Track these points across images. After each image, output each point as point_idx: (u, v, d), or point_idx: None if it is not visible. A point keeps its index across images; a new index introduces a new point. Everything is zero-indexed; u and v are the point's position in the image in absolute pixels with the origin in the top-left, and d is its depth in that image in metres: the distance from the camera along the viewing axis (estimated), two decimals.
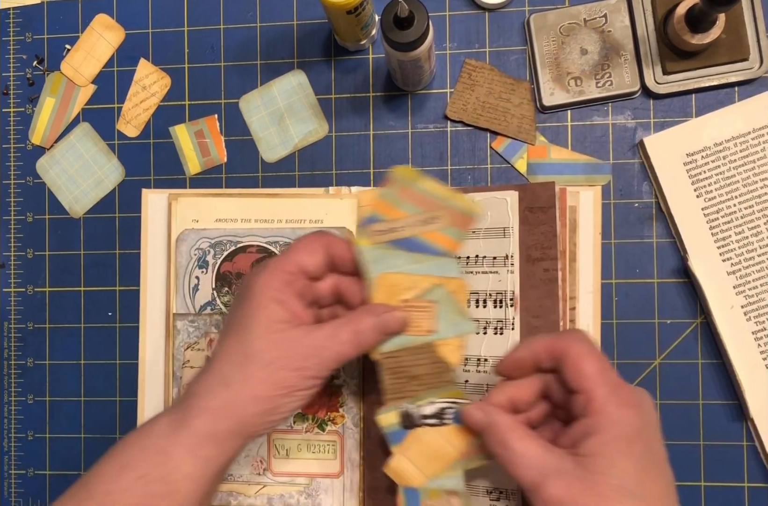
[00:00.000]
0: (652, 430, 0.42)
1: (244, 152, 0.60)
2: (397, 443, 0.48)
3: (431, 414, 0.48)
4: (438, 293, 0.48)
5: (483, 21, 0.58)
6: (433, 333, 0.48)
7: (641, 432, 0.41)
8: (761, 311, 0.54)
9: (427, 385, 0.48)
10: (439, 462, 0.48)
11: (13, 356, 0.62)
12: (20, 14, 0.63)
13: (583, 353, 0.42)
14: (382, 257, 0.47)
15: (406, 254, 0.48)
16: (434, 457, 0.48)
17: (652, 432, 0.42)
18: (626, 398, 0.41)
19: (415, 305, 0.48)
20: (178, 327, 0.58)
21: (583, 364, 0.42)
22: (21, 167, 0.63)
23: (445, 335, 0.48)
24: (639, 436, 0.40)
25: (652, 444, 0.41)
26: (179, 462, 0.41)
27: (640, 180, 0.56)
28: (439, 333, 0.48)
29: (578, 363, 0.42)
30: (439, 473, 0.48)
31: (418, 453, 0.48)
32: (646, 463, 0.40)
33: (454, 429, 0.48)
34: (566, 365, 0.42)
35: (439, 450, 0.48)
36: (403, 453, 0.48)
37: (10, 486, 0.62)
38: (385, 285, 0.47)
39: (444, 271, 0.48)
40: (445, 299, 0.48)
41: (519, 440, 0.42)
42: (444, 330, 0.48)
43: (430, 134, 0.58)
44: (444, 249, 0.48)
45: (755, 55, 0.54)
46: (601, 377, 0.41)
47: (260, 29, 0.60)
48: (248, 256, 0.58)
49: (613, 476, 0.39)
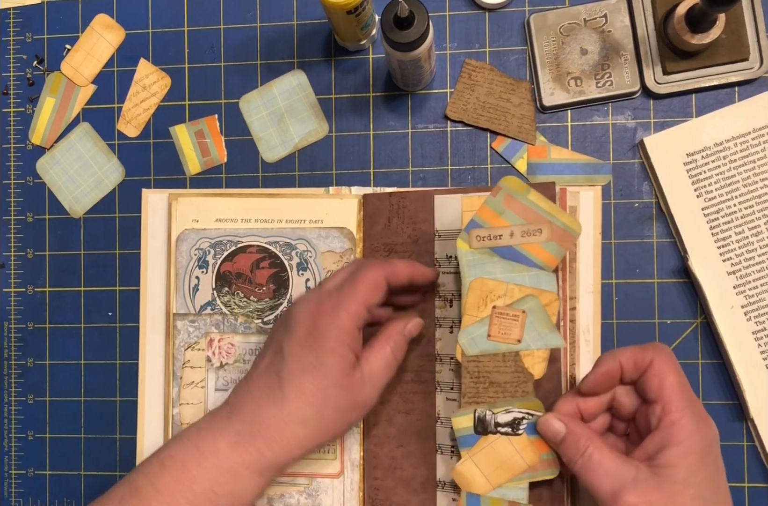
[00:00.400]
0: (718, 444, 0.44)
1: (244, 152, 0.60)
2: (468, 447, 0.49)
3: (506, 422, 0.49)
4: (530, 303, 0.48)
5: (483, 21, 0.58)
6: (520, 343, 0.48)
7: (713, 445, 0.43)
8: (761, 311, 0.54)
9: (506, 393, 0.49)
10: (506, 472, 0.48)
11: (13, 356, 0.62)
12: (20, 14, 0.63)
13: (667, 366, 0.44)
14: (480, 262, 0.49)
15: (503, 262, 0.49)
16: (502, 466, 0.48)
17: (718, 447, 0.44)
18: (700, 412, 0.44)
19: (506, 312, 0.49)
20: (178, 327, 0.58)
21: (667, 375, 0.44)
22: (21, 167, 0.63)
23: (532, 346, 0.48)
24: (711, 449, 0.43)
25: (719, 457, 0.44)
26: (246, 480, 0.45)
27: (640, 180, 0.56)
28: (526, 343, 0.48)
29: (662, 374, 0.44)
30: (505, 483, 0.48)
31: (486, 461, 0.48)
32: (718, 475, 0.43)
33: (527, 440, 0.48)
34: (649, 375, 0.44)
35: (509, 460, 0.48)
36: (472, 458, 0.49)
37: (10, 486, 0.62)
38: (480, 290, 0.49)
39: (539, 283, 0.48)
40: (537, 311, 0.48)
41: (597, 449, 0.44)
42: (531, 341, 0.48)
43: (430, 134, 0.58)
44: (542, 262, 0.48)
45: (755, 55, 0.54)
46: (680, 389, 0.44)
47: (260, 29, 0.60)
48: (248, 256, 0.58)
49: (691, 485, 0.41)
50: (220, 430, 0.46)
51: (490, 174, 0.57)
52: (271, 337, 0.50)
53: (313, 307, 0.47)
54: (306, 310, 0.47)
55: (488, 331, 0.49)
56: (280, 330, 0.48)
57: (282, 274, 0.57)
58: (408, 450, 0.54)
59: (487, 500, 0.49)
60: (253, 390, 0.47)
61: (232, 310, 0.58)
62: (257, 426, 0.45)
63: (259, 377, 0.47)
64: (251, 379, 0.48)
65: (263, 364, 0.48)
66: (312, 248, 0.57)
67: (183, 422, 0.57)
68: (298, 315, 0.47)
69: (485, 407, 0.49)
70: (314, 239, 0.57)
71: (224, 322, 0.58)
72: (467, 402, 0.49)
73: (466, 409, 0.49)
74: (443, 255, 0.55)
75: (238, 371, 0.57)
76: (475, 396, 0.49)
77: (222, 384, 0.57)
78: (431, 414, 0.54)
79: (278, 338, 0.48)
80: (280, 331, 0.48)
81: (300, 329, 0.47)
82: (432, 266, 0.54)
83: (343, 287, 0.47)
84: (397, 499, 0.54)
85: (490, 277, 0.49)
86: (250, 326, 0.57)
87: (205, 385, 0.58)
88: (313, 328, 0.46)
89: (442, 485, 0.54)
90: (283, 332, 0.48)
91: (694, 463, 0.42)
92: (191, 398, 0.57)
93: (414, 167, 0.58)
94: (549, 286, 0.48)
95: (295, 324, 0.47)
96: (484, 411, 0.49)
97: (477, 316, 0.49)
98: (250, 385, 0.48)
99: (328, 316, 0.46)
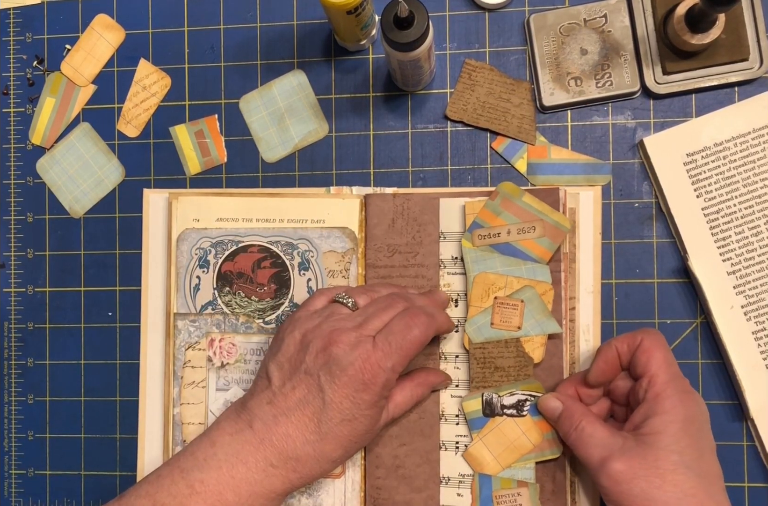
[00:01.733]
0: (705, 420, 0.47)
1: (244, 152, 0.60)
2: (477, 430, 0.54)
3: (510, 404, 0.54)
4: (528, 293, 0.53)
5: (483, 21, 0.58)
6: (520, 330, 0.53)
7: (697, 416, 0.46)
8: (761, 311, 0.54)
9: (510, 377, 0.54)
10: (514, 453, 0.53)
11: (13, 356, 0.62)
12: (20, 14, 0.63)
13: (655, 344, 0.48)
14: (482, 258, 0.54)
15: (503, 257, 0.54)
16: (510, 447, 0.53)
17: (705, 422, 0.47)
18: (684, 386, 0.47)
19: (506, 302, 0.54)
20: (179, 327, 0.58)
21: (654, 351, 0.48)
22: (21, 167, 0.63)
23: (531, 332, 0.53)
24: (695, 420, 0.46)
25: (705, 431, 0.47)
26: (276, 503, 0.48)
27: (640, 180, 0.56)
28: (526, 330, 0.53)
29: (650, 350, 0.48)
30: (513, 463, 0.53)
31: (495, 442, 0.53)
32: (702, 446, 0.46)
33: (531, 421, 0.53)
34: (638, 353, 0.48)
35: (516, 441, 0.53)
36: (482, 440, 0.54)
37: (10, 486, 0.62)
38: (483, 283, 0.54)
39: (535, 275, 0.53)
40: (534, 300, 0.53)
41: (590, 423, 0.48)
42: (530, 328, 0.53)
43: (430, 134, 0.58)
44: (537, 256, 0.53)
45: (755, 55, 0.54)
46: (666, 364, 0.47)
47: (260, 29, 0.60)
48: (250, 255, 0.58)
49: (674, 452, 0.44)
50: (253, 461, 0.47)
51: (490, 174, 0.58)
52: (296, 360, 0.48)
53: (360, 358, 0.46)
54: (352, 359, 0.46)
55: (491, 320, 0.54)
56: (318, 366, 0.47)
57: (283, 274, 0.57)
58: (411, 449, 0.55)
59: (497, 480, 0.53)
60: (285, 423, 0.47)
61: (234, 310, 0.58)
62: (292, 463, 0.47)
63: (292, 412, 0.47)
64: (277, 405, 0.47)
65: (295, 396, 0.47)
66: (314, 247, 0.57)
67: (184, 421, 0.57)
68: (340, 360, 0.46)
69: (492, 390, 0.54)
70: (316, 238, 0.57)
71: (225, 322, 0.58)
72: (475, 387, 0.54)
73: (475, 393, 0.54)
74: (448, 256, 0.55)
75: (239, 371, 0.57)
76: (482, 380, 0.54)
77: (223, 383, 0.57)
78: (435, 412, 0.55)
79: (316, 374, 0.47)
80: (318, 367, 0.47)
81: (345, 378, 0.46)
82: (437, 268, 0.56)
83: (392, 339, 0.47)
84: (400, 498, 0.55)
85: (491, 271, 0.54)
86: (252, 326, 0.57)
87: (206, 385, 0.58)
88: (360, 382, 0.46)
89: (446, 481, 0.54)
90: (325, 372, 0.47)
91: (677, 431, 0.45)
92: (192, 398, 0.57)
93: (414, 167, 0.58)
94: (544, 277, 0.53)
95: (340, 372, 0.46)
96: (490, 394, 0.54)
97: (481, 307, 0.54)
98: (281, 418, 0.47)
99: (377, 374, 0.46)
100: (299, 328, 0.49)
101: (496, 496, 0.53)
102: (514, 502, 0.52)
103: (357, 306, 0.51)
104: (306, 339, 0.48)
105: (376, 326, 0.48)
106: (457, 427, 0.55)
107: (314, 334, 0.48)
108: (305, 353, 0.48)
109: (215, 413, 0.57)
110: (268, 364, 0.49)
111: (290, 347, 0.49)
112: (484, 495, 0.53)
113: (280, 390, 0.48)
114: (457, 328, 0.55)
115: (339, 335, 0.48)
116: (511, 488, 0.53)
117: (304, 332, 0.49)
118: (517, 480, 0.53)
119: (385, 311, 0.49)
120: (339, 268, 0.57)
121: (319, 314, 0.50)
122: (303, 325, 0.49)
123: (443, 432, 0.55)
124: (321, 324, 0.49)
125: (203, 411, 0.57)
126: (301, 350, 0.48)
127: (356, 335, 0.48)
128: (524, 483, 0.53)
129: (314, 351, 0.47)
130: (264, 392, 0.48)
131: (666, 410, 0.45)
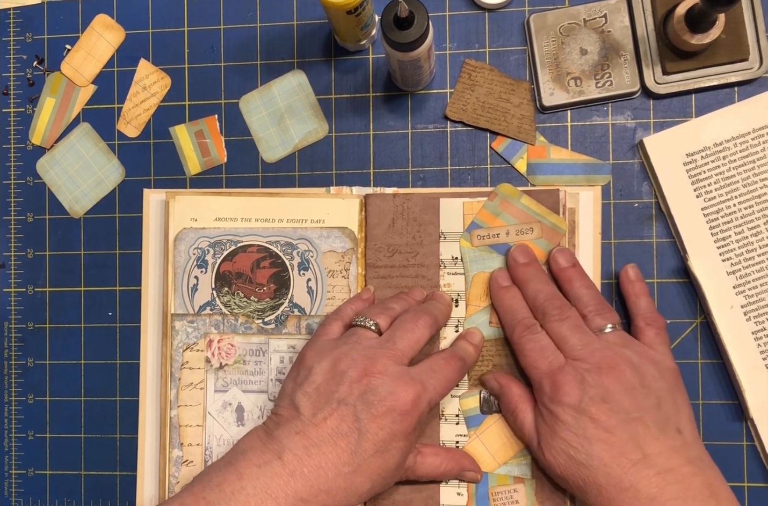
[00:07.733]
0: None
1: (244, 152, 0.60)
2: (474, 427, 0.54)
3: None
4: None
5: (483, 21, 0.58)
6: None
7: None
8: (761, 311, 0.54)
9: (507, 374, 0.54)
10: (510, 449, 0.53)
11: (13, 356, 0.62)
12: (20, 14, 0.63)
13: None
14: (481, 258, 0.55)
15: (500, 257, 0.55)
16: (506, 444, 0.53)
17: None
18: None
19: None
20: (176, 328, 0.58)
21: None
22: (21, 167, 0.63)
23: None
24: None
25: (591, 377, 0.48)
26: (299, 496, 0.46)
27: (640, 180, 0.56)
28: None
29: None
30: (509, 460, 0.53)
31: (491, 439, 0.54)
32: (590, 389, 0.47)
33: None
34: None
35: (512, 438, 0.53)
36: (479, 437, 0.54)
37: (10, 486, 0.62)
38: (481, 282, 0.55)
39: None
40: None
41: (521, 411, 0.51)
42: None
43: (430, 134, 0.58)
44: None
45: (755, 55, 0.54)
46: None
47: (260, 29, 0.60)
48: (249, 255, 0.58)
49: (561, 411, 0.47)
50: (283, 496, 0.45)
51: (490, 174, 0.57)
52: (326, 390, 0.48)
53: (399, 389, 0.47)
54: (391, 389, 0.47)
55: (489, 318, 0.55)
56: (355, 397, 0.47)
57: (283, 274, 0.57)
58: None
59: (494, 477, 0.54)
60: (317, 455, 0.46)
61: (232, 310, 0.58)
62: (323, 496, 0.46)
63: (324, 443, 0.46)
64: (307, 435, 0.46)
65: (328, 426, 0.46)
66: (313, 247, 0.57)
67: (181, 424, 0.57)
68: (378, 391, 0.47)
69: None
70: (316, 238, 0.57)
71: (224, 322, 0.58)
72: (473, 384, 0.55)
73: (472, 391, 0.55)
74: (449, 256, 0.55)
75: (238, 372, 0.57)
76: (479, 378, 0.55)
77: (221, 385, 0.57)
78: (435, 412, 0.55)
79: (352, 404, 0.47)
80: (355, 397, 0.47)
81: (383, 409, 0.46)
82: (437, 268, 0.56)
83: (430, 374, 0.48)
84: (400, 498, 0.54)
85: (490, 271, 0.55)
86: (251, 327, 0.57)
87: (205, 386, 0.57)
88: (398, 413, 0.46)
89: (446, 480, 0.54)
90: (361, 402, 0.46)
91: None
92: (190, 399, 0.57)
93: (414, 167, 0.58)
94: None
95: (378, 402, 0.46)
96: (488, 392, 0.54)
97: (479, 306, 0.55)
98: (313, 450, 0.46)
99: (416, 405, 0.47)
100: (327, 357, 0.49)
101: (492, 493, 0.53)
102: (511, 498, 0.53)
103: (380, 328, 0.50)
104: (338, 369, 0.48)
105: (406, 352, 0.49)
106: (457, 427, 0.55)
107: (346, 363, 0.48)
108: (338, 383, 0.47)
109: (213, 414, 0.57)
110: (294, 394, 0.48)
111: (318, 376, 0.48)
112: (480, 492, 0.54)
113: (310, 421, 0.47)
114: (457, 327, 0.55)
115: (374, 364, 0.47)
116: (507, 484, 0.53)
117: (332, 361, 0.48)
118: (514, 477, 0.53)
119: (413, 332, 0.50)
120: (339, 268, 0.57)
121: (344, 342, 0.49)
122: (330, 354, 0.49)
123: (443, 432, 0.55)
124: (350, 352, 0.48)
125: (201, 412, 0.57)
126: (332, 379, 0.47)
127: (392, 364, 0.48)
128: (521, 479, 0.53)
129: (348, 381, 0.47)
130: (292, 422, 0.47)
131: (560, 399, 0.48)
